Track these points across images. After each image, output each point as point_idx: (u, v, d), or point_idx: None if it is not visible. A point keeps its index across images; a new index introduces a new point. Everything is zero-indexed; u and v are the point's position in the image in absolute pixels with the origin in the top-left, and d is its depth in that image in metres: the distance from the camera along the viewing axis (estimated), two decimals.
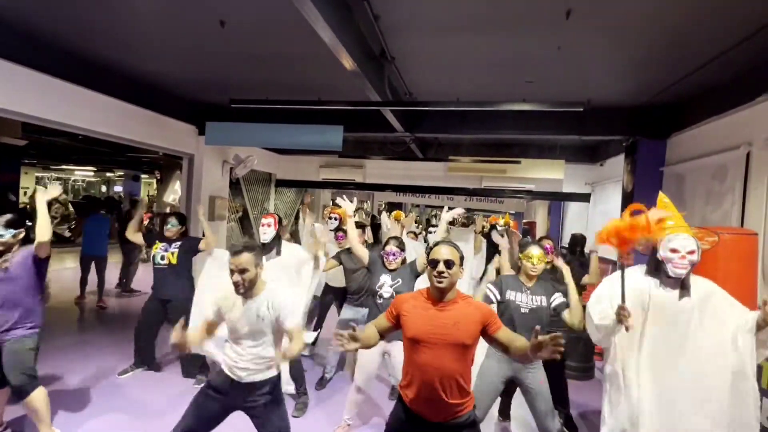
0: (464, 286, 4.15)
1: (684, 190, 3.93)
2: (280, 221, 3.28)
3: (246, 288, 1.91)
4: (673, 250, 1.96)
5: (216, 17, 2.82)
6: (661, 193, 2.26)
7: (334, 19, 2.37)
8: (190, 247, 3.48)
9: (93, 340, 4.38)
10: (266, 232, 3.17)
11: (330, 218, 4.64)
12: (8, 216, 2.39)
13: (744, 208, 3.07)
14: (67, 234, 11.35)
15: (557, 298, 2.47)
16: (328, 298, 4.25)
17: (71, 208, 12.50)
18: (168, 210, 9.03)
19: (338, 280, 4.14)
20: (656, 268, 2.06)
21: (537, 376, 2.45)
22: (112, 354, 3.96)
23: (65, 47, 3.59)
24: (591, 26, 2.65)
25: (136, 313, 3.92)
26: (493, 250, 9.50)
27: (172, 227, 3.50)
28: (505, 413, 3.29)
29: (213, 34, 3.04)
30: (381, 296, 2.77)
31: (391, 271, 2.84)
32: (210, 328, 2.09)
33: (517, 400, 2.98)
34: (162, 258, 3.44)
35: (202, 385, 2.10)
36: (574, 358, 4.13)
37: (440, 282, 1.72)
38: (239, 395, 2.00)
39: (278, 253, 3.18)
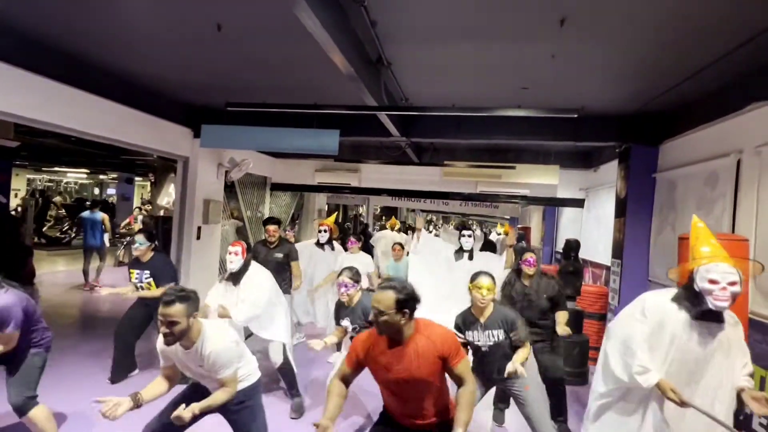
0: None
1: (676, 197, 3.98)
2: (248, 248, 3.07)
3: (175, 339, 1.83)
4: (713, 281, 1.79)
5: (213, 21, 2.82)
6: (695, 216, 2.11)
7: (330, 24, 2.38)
8: (163, 276, 3.38)
9: (81, 344, 4.32)
10: (233, 260, 2.92)
11: (320, 231, 4.63)
12: None
13: (735, 214, 3.11)
14: (59, 235, 11.22)
15: (516, 332, 2.33)
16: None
17: (64, 212, 12.38)
18: (162, 213, 8.97)
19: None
20: (692, 301, 1.87)
21: (522, 382, 2.41)
22: (101, 358, 3.91)
23: (60, 49, 3.56)
24: (584, 35, 2.69)
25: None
26: (489, 248, 9.50)
27: (139, 246, 3.36)
28: (499, 419, 3.29)
29: (209, 37, 3.04)
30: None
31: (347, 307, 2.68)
32: (168, 373, 2.02)
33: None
34: (142, 288, 3.39)
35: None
36: (569, 363, 4.14)
37: (380, 332, 1.67)
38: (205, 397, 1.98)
39: (236, 283, 2.93)
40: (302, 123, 4.83)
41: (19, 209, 9.72)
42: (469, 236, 4.04)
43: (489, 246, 10.27)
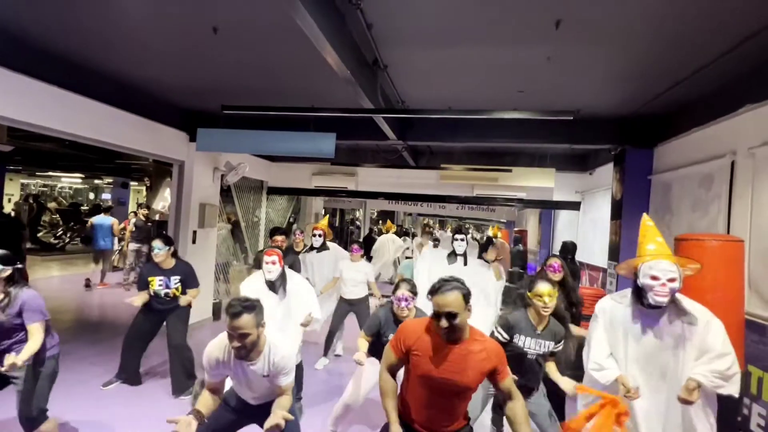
0: (480, 320, 3.64)
1: (671, 198, 4.00)
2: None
3: (248, 352, 1.75)
4: (654, 278, 1.92)
5: (209, 24, 2.82)
6: (645, 215, 2.25)
7: (327, 26, 2.39)
8: (192, 280, 3.44)
9: (77, 350, 4.26)
10: (271, 270, 2.85)
11: (314, 235, 4.60)
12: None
13: (730, 215, 3.13)
14: (53, 241, 11.11)
15: (559, 346, 2.34)
16: (343, 309, 4.22)
17: (58, 217, 12.27)
18: (157, 217, 8.91)
19: (353, 292, 4.13)
20: (637, 296, 2.03)
21: (538, 398, 2.41)
22: (96, 364, 3.86)
23: (55, 51, 3.55)
24: (580, 37, 2.71)
25: (122, 323, 3.80)
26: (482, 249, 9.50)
27: (159, 251, 3.30)
28: (498, 423, 3.26)
29: (206, 40, 3.03)
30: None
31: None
32: (215, 387, 1.95)
33: None
34: (166, 294, 3.34)
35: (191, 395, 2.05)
36: (569, 366, 4.12)
37: (448, 336, 1.61)
38: (254, 413, 1.97)
39: (285, 292, 2.92)
40: (299, 126, 4.83)
41: (12, 214, 9.61)
42: (462, 240, 4.02)
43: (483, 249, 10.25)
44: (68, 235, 11.56)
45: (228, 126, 4.83)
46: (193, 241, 5.36)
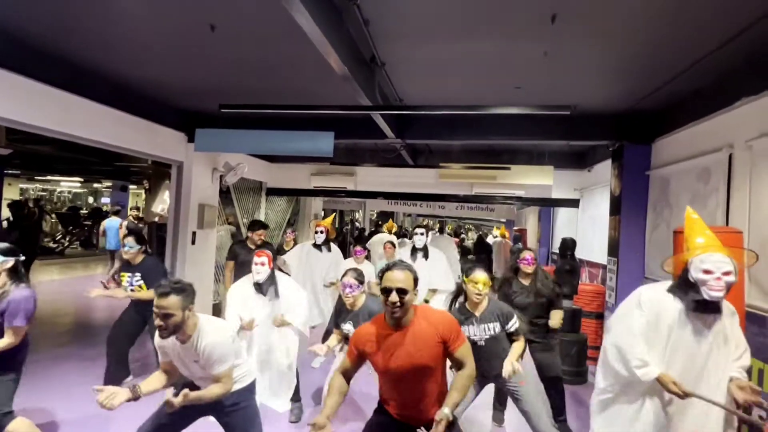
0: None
1: (669, 193, 4.01)
2: (275, 255, 3.05)
3: (170, 333, 1.79)
4: (707, 271, 1.78)
5: (206, 22, 2.82)
6: (689, 208, 2.13)
7: (324, 22, 2.39)
8: (153, 278, 3.27)
9: (73, 353, 4.25)
10: (260, 271, 2.81)
11: (317, 232, 4.60)
12: (1, 244, 2.26)
13: (728, 208, 3.13)
14: (52, 245, 11.09)
15: (513, 324, 2.36)
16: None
17: (56, 219, 12.26)
18: (157, 219, 8.90)
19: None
20: (687, 292, 1.86)
21: (518, 378, 2.38)
22: (98, 365, 3.85)
23: (52, 52, 3.55)
24: (576, 32, 2.72)
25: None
26: (485, 254, 9.49)
27: (129, 249, 3.30)
28: (499, 419, 3.26)
29: (203, 39, 3.04)
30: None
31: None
32: (167, 368, 1.98)
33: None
34: (132, 290, 3.34)
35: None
36: (567, 363, 4.12)
37: (395, 313, 1.63)
38: (207, 405, 1.95)
39: (276, 294, 2.90)
40: (297, 126, 4.84)
41: (11, 219, 9.60)
42: (422, 234, 4.25)
43: (484, 248, 10.29)
44: (67, 239, 11.55)
45: (226, 126, 4.84)
46: (193, 242, 5.35)
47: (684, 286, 1.89)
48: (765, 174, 2.82)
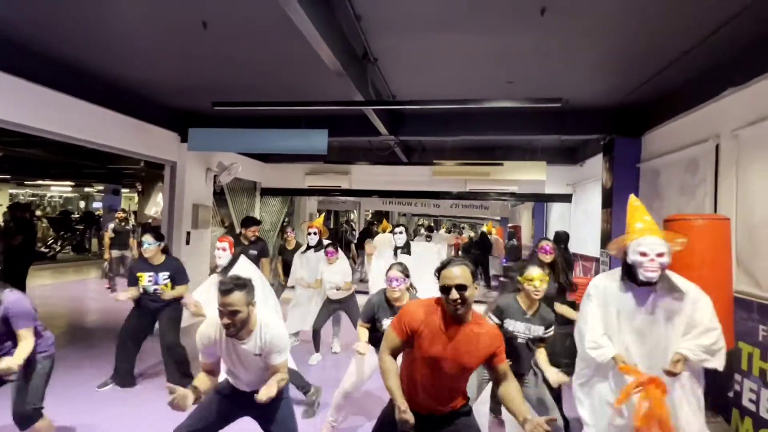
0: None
1: (659, 184, 4.08)
2: (236, 242, 3.17)
3: (238, 329, 1.76)
4: (642, 254, 1.93)
5: (198, 19, 2.83)
6: (632, 196, 2.27)
7: (316, 17, 2.41)
8: (182, 276, 3.41)
9: (71, 354, 4.21)
10: (221, 256, 3.06)
11: (309, 233, 4.57)
12: None
13: (716, 197, 3.19)
14: (44, 250, 10.95)
15: (550, 332, 2.37)
16: (329, 308, 4.22)
17: (47, 224, 12.11)
18: (150, 222, 8.83)
19: (336, 294, 4.12)
20: (628, 274, 2.03)
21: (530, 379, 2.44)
22: (92, 367, 3.82)
23: (44, 52, 3.53)
24: (564, 26, 2.76)
25: (115, 326, 3.77)
26: (485, 257, 9.52)
27: (148, 247, 3.27)
28: (497, 411, 3.28)
29: (195, 37, 3.04)
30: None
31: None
32: (210, 368, 1.95)
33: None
34: (155, 291, 3.31)
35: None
36: (563, 354, 4.16)
37: (458, 309, 1.62)
38: (247, 403, 1.94)
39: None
40: (290, 125, 4.84)
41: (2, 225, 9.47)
42: (401, 233, 4.42)
43: (484, 246, 10.28)
44: (59, 243, 11.42)
45: (219, 126, 4.84)
46: (187, 242, 5.33)
47: (624, 268, 2.06)
48: (751, 162, 2.88)
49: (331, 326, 4.51)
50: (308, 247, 4.62)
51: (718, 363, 1.96)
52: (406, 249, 4.43)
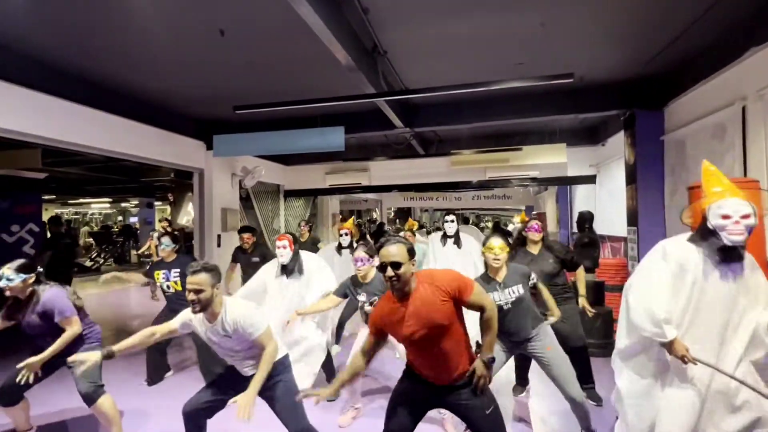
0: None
1: (686, 155, 3.95)
2: (295, 240, 3.36)
3: (201, 307, 1.94)
4: (725, 216, 1.75)
5: (216, 27, 3.00)
6: (705, 161, 2.05)
7: (325, 13, 2.52)
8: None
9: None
10: (283, 254, 3.23)
11: (341, 234, 4.65)
12: (20, 261, 2.47)
13: (745, 162, 3.08)
14: (89, 264, 11.68)
15: (532, 279, 2.49)
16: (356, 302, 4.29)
17: (92, 240, 12.89)
18: (185, 229, 9.27)
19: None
20: (708, 240, 1.81)
21: (543, 343, 2.45)
22: (136, 365, 4.08)
23: (79, 73, 3.83)
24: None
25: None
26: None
27: (165, 247, 3.56)
28: (518, 390, 3.27)
29: (214, 44, 3.22)
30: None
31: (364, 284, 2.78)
32: (159, 329, 2.12)
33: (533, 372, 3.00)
34: (167, 287, 3.54)
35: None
36: (593, 335, 4.09)
37: (394, 285, 1.72)
38: (243, 380, 2.08)
39: (300, 271, 3.24)
40: (308, 125, 4.99)
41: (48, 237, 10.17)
42: (452, 221, 4.23)
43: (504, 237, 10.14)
44: (102, 256, 12.12)
45: (241, 131, 5.05)
46: (218, 245, 5.59)
47: (705, 234, 1.83)
48: None
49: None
50: (340, 247, 4.69)
51: None
52: (456, 239, 4.22)
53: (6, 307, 2.51)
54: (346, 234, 4.64)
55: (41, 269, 2.56)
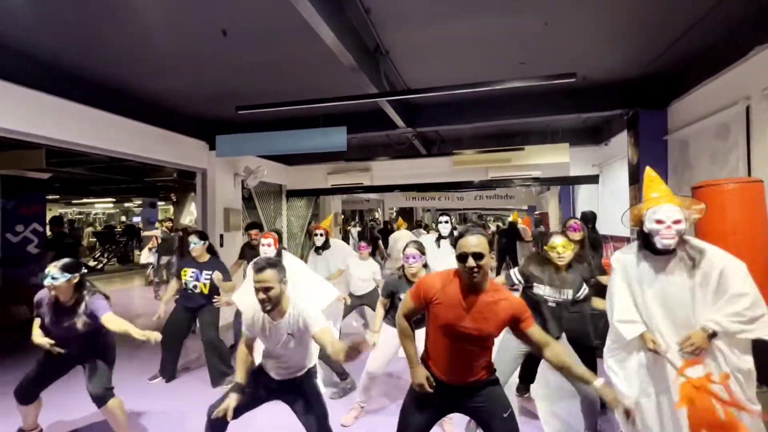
0: None
1: (689, 155, 3.93)
2: (280, 238, 3.33)
3: (272, 306, 1.88)
4: (659, 221, 1.91)
5: (218, 27, 3.01)
6: (648, 168, 2.26)
7: (327, 13, 2.52)
8: (225, 276, 3.56)
9: (124, 353, 4.51)
10: (267, 252, 3.21)
11: (316, 235, 4.53)
12: (66, 260, 2.45)
13: (749, 161, 3.06)
14: (92, 263, 11.73)
15: (583, 291, 2.46)
16: (353, 303, 4.22)
17: (95, 239, 12.95)
18: (188, 228, 9.28)
19: (362, 288, 4.19)
20: (645, 243, 2.01)
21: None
22: (148, 362, 4.10)
23: (83, 72, 3.84)
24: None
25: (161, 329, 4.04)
26: (512, 245, 9.34)
27: (194, 246, 3.51)
28: (522, 390, 3.27)
29: (217, 45, 3.23)
30: None
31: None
32: (250, 344, 2.11)
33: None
34: (194, 287, 3.52)
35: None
36: (596, 336, 4.07)
37: (474, 277, 1.65)
38: (277, 389, 2.08)
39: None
40: (310, 125, 5.00)
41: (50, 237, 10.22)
42: (447, 222, 4.20)
43: (511, 234, 10.04)
44: (105, 256, 12.18)
45: (243, 131, 5.06)
46: (221, 245, 5.60)
47: (642, 238, 2.03)
48: None
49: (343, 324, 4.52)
50: (315, 249, 4.60)
51: (763, 331, 1.80)
52: (451, 239, 4.16)
53: (51, 311, 2.45)
54: (321, 235, 4.52)
55: (85, 270, 2.57)
